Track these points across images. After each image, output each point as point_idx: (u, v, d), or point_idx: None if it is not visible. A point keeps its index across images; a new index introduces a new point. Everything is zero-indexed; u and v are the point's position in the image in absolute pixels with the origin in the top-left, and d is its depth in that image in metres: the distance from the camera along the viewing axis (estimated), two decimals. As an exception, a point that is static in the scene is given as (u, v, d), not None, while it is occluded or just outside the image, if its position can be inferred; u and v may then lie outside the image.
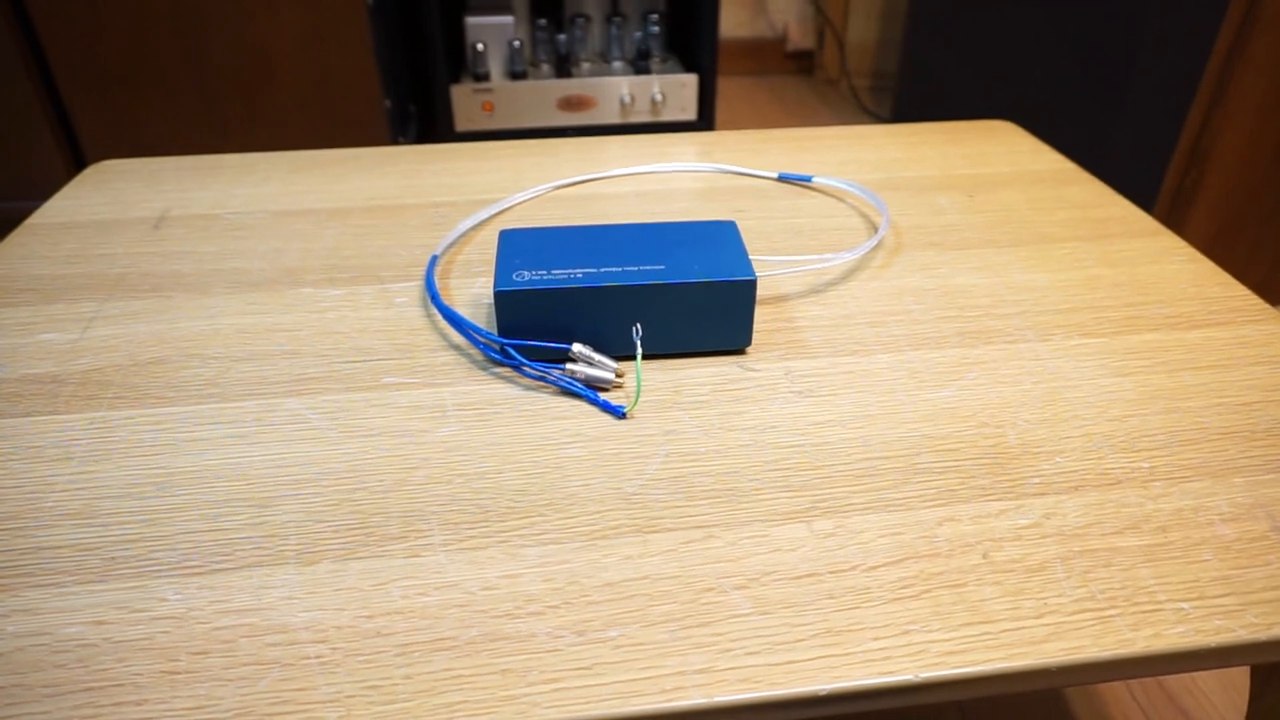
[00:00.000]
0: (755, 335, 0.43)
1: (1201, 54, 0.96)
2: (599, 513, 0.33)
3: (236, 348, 0.42)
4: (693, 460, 0.36)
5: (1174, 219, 1.07)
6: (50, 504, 0.33)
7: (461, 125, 1.53)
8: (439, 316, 0.45)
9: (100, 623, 0.29)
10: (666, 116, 1.57)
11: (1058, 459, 0.36)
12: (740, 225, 0.54)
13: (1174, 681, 0.69)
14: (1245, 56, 0.96)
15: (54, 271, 0.49)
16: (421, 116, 1.68)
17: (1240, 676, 0.69)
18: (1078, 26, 1.12)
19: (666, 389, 0.40)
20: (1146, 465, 0.36)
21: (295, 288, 0.47)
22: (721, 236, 0.43)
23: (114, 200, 0.57)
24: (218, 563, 0.31)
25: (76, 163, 1.29)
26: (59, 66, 1.21)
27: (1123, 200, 0.58)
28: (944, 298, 0.47)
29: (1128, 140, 1.07)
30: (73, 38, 1.19)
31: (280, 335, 0.43)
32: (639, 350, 0.40)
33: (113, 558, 0.31)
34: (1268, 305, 0.46)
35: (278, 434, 0.37)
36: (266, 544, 0.32)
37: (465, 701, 0.26)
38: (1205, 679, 0.69)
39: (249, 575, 0.30)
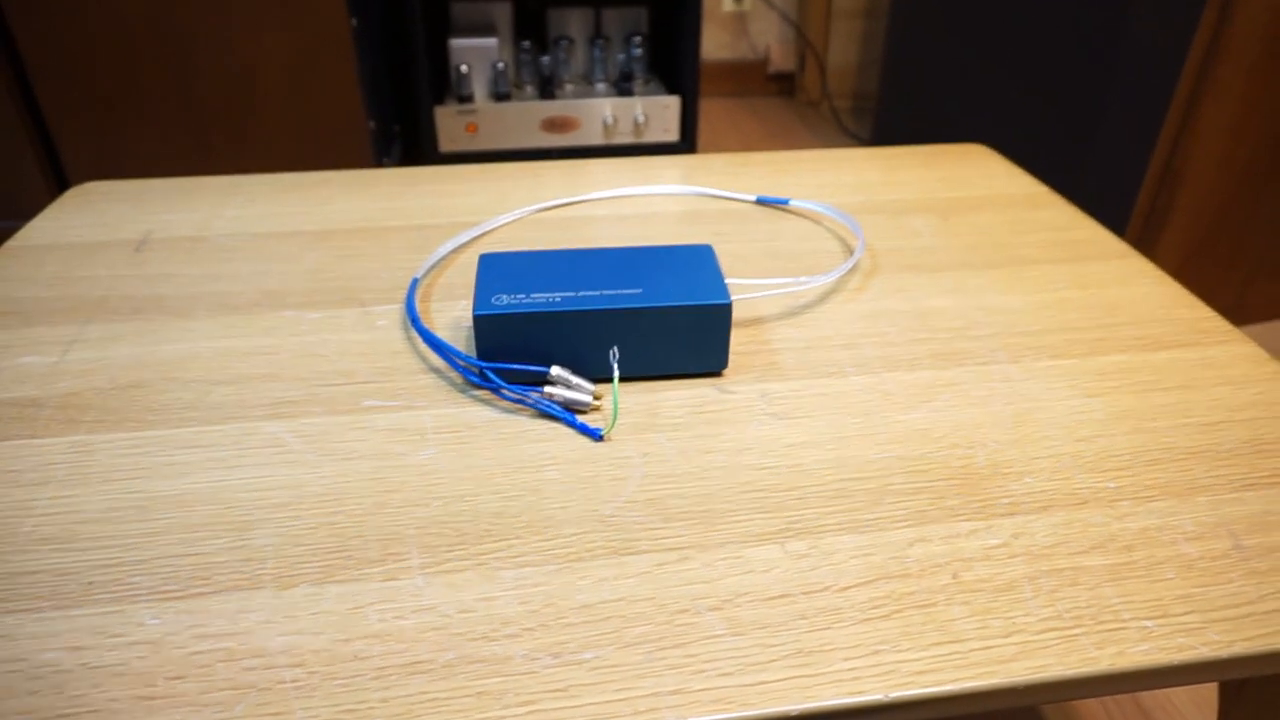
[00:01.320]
0: (732, 358, 0.44)
1: (1170, 79, 0.98)
2: (576, 535, 0.33)
3: (217, 371, 0.43)
4: (669, 482, 0.36)
5: (1145, 241, 1.09)
6: (28, 528, 0.33)
7: (445, 146, 1.54)
8: (419, 339, 0.45)
9: (77, 648, 0.29)
10: (649, 138, 1.59)
11: (1027, 479, 0.37)
12: (719, 248, 0.55)
13: (1147, 696, 0.70)
14: (1212, 80, 0.98)
15: (35, 294, 0.49)
16: (406, 137, 1.68)
17: (1211, 691, 0.70)
18: (1051, 52, 1.14)
19: (643, 411, 0.40)
20: (1113, 485, 0.36)
21: (277, 310, 0.48)
22: (698, 260, 0.44)
23: (97, 222, 0.57)
24: (196, 587, 0.31)
25: (59, 184, 1.29)
26: (42, 87, 1.21)
27: (1094, 223, 0.59)
28: (918, 320, 0.48)
29: (1100, 164, 1.09)
30: (57, 58, 1.19)
31: (261, 358, 0.44)
32: (616, 373, 0.40)
33: (90, 582, 0.31)
34: (1233, 327, 0.47)
35: (257, 457, 0.37)
36: (244, 568, 0.32)
37: (441, 724, 0.27)
38: (1178, 693, 0.70)
39: (226, 599, 0.31)
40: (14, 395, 0.41)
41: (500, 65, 1.51)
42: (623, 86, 1.58)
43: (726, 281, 0.42)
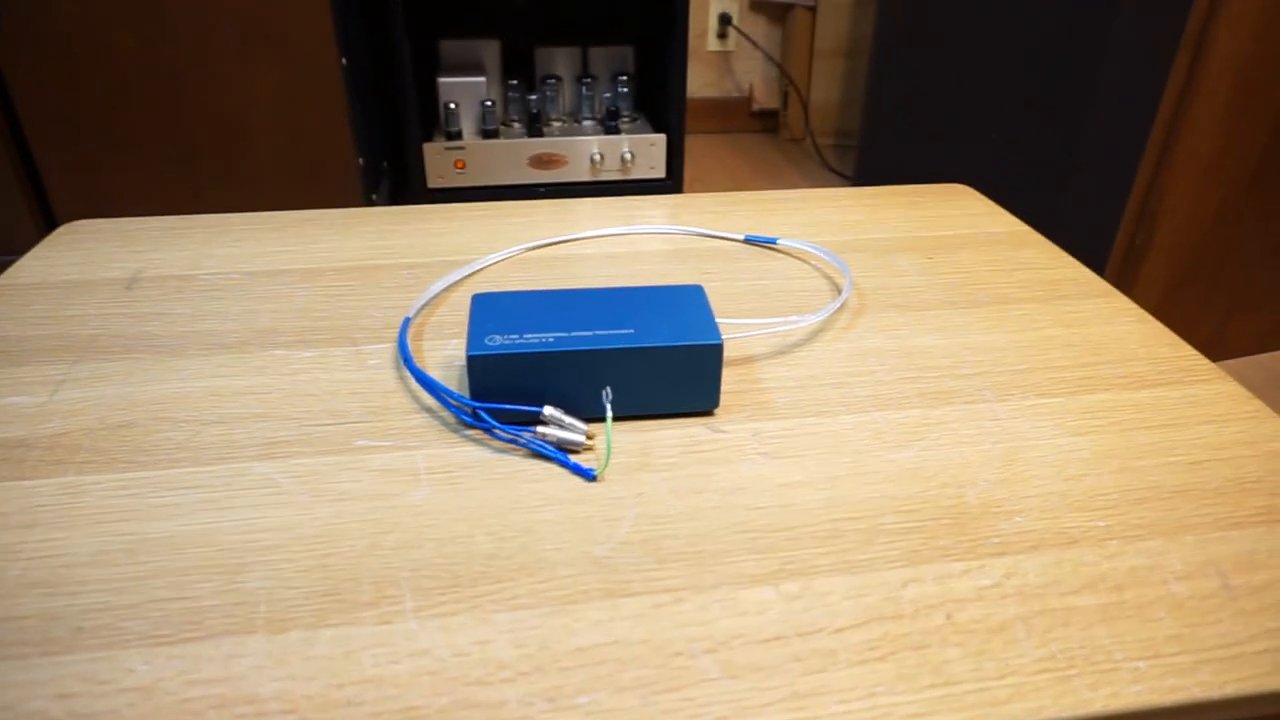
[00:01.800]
0: (723, 397, 0.44)
1: (1146, 119, 1.01)
2: (570, 576, 0.33)
3: (207, 411, 0.42)
4: (662, 523, 0.36)
5: (1125, 277, 1.10)
6: (15, 572, 0.33)
7: (434, 182, 1.55)
8: (411, 379, 0.45)
9: (65, 695, 0.28)
10: (636, 174, 1.60)
11: (1017, 518, 0.37)
12: (707, 286, 0.55)
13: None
14: (1187, 121, 1.00)
15: (22, 333, 0.49)
16: (394, 174, 1.69)
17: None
18: (1030, 92, 1.17)
19: (636, 451, 0.40)
20: (1102, 524, 0.37)
21: (267, 349, 0.48)
22: (689, 300, 0.44)
23: (85, 260, 0.57)
24: (186, 632, 0.31)
25: (48, 222, 1.28)
26: (31, 125, 1.21)
27: (1075, 262, 0.60)
28: (905, 358, 0.48)
29: (1080, 202, 1.11)
30: (45, 96, 1.20)
31: (251, 398, 0.44)
32: (609, 413, 0.41)
33: (79, 627, 0.31)
34: (1213, 365, 0.48)
35: (248, 499, 0.37)
36: (236, 612, 0.32)
37: (436, 772, 0.26)
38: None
39: (218, 644, 0.30)
40: (1, 436, 0.40)
41: (488, 103, 1.53)
42: (609, 124, 1.60)
43: (717, 321, 0.43)
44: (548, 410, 0.40)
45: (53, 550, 0.34)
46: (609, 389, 0.41)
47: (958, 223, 0.66)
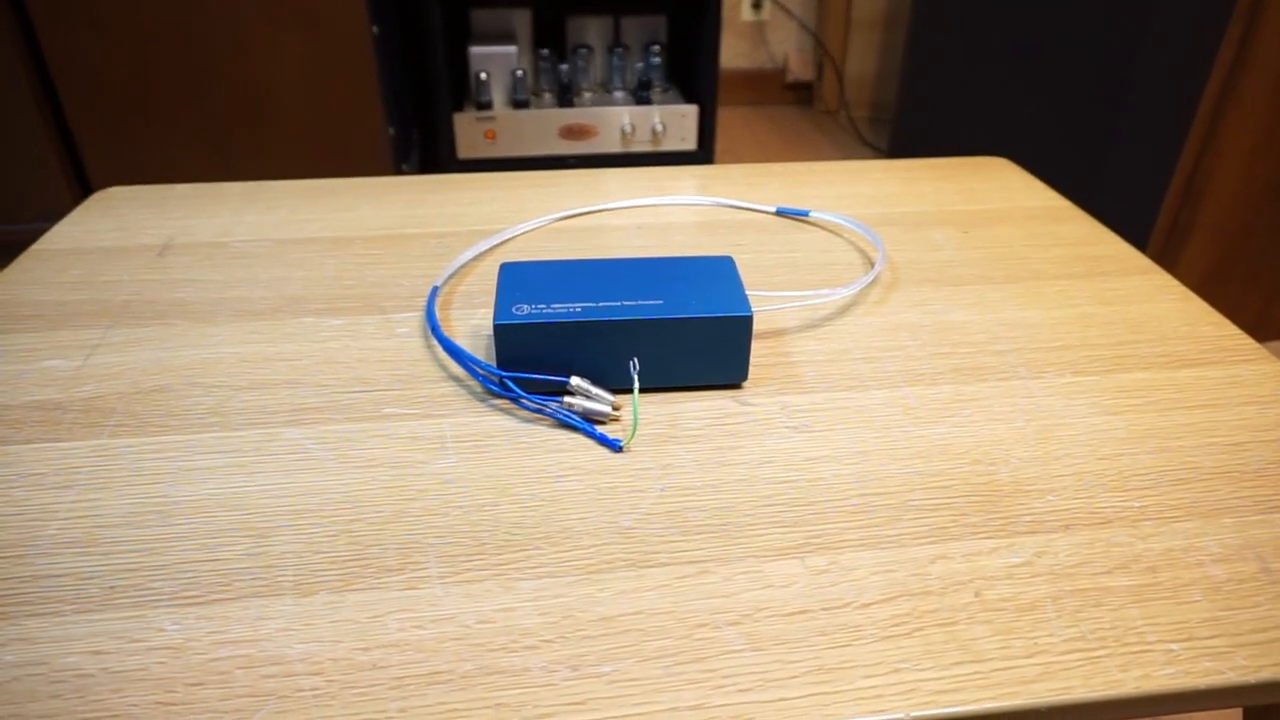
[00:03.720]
0: (752, 370, 0.44)
1: (1194, 94, 0.98)
2: (595, 546, 0.33)
3: (238, 376, 0.43)
4: (688, 495, 0.36)
5: (1167, 256, 1.08)
6: (51, 532, 0.34)
7: (464, 153, 1.54)
8: (439, 348, 0.45)
9: (98, 653, 0.29)
10: (667, 146, 1.59)
11: (1049, 497, 0.36)
12: (738, 259, 0.55)
13: (1169, 718, 0.69)
14: (1236, 97, 0.97)
15: (59, 298, 0.49)
16: (424, 144, 1.69)
17: (1234, 716, 0.69)
18: (1072, 65, 1.14)
19: (663, 423, 0.40)
20: (1137, 504, 0.36)
21: (297, 317, 0.48)
22: (719, 272, 0.44)
23: (120, 227, 0.58)
24: (216, 593, 0.31)
25: (83, 189, 1.30)
26: (67, 94, 1.22)
27: (1115, 238, 0.58)
28: (938, 334, 0.47)
29: (1121, 178, 1.09)
30: (80, 66, 1.21)
31: (281, 364, 0.44)
32: (636, 384, 0.40)
33: (112, 587, 0.31)
34: (1258, 345, 0.47)
35: (277, 464, 0.37)
36: (264, 574, 0.32)
37: (459, 736, 0.27)
38: (1198, 716, 0.69)
39: (246, 606, 0.31)
40: (38, 398, 0.41)
41: (519, 73, 1.52)
42: (641, 95, 1.58)
43: (747, 293, 0.42)
44: (574, 380, 0.40)
45: (87, 510, 0.35)
46: (636, 360, 0.41)
47: (995, 197, 0.64)
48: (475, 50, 1.51)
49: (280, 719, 0.27)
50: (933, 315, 0.49)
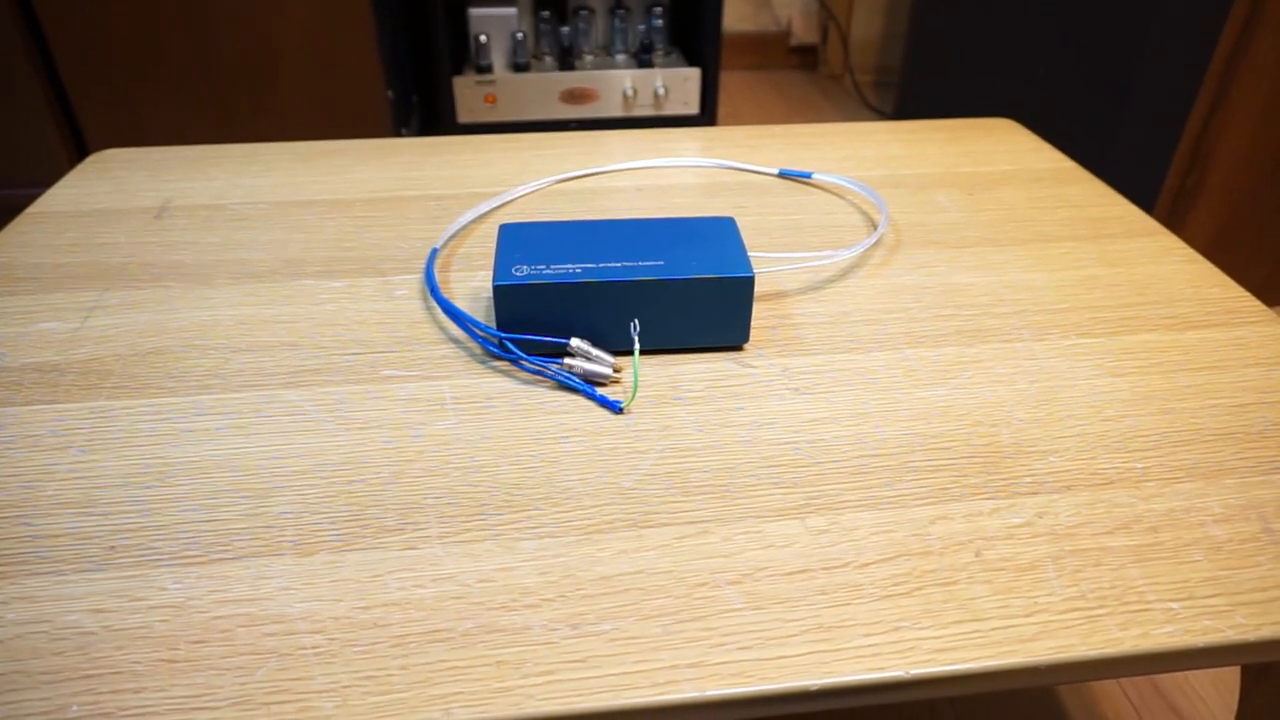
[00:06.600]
0: (753, 332, 0.44)
1: (1204, 54, 0.96)
2: (595, 507, 0.33)
3: (236, 339, 0.43)
4: (688, 456, 0.36)
5: (1175, 219, 1.07)
6: (50, 493, 0.34)
7: (464, 117, 1.53)
8: (438, 309, 0.45)
9: (99, 611, 0.29)
10: (669, 110, 1.57)
11: (1051, 458, 0.36)
12: (740, 221, 0.54)
13: (1166, 679, 0.69)
14: (1248, 58, 0.95)
15: (55, 260, 0.49)
16: (424, 108, 1.67)
17: (1232, 675, 0.70)
18: (1081, 25, 1.12)
19: (664, 384, 0.40)
20: (1139, 466, 0.36)
21: (296, 279, 0.48)
22: (720, 233, 0.43)
23: (116, 189, 0.57)
24: (216, 553, 0.31)
25: (79, 151, 1.29)
26: (62, 55, 1.21)
27: (1122, 200, 0.58)
28: (942, 296, 0.47)
29: (1129, 140, 1.07)
30: (77, 27, 1.19)
31: (280, 327, 0.44)
32: (636, 346, 0.40)
33: (112, 546, 0.31)
34: (1265, 307, 0.46)
35: (276, 425, 0.37)
36: (264, 534, 0.32)
37: (460, 693, 0.27)
38: (1197, 677, 0.70)
39: (247, 565, 0.31)
40: (36, 360, 0.41)
41: (519, 35, 1.50)
42: (643, 58, 1.56)
43: (749, 254, 0.42)
44: (575, 342, 0.40)
45: (86, 471, 0.35)
46: (637, 321, 0.40)
47: (1001, 158, 0.64)
48: (474, 12, 1.49)
49: (282, 675, 0.27)
50: (936, 277, 0.49)
